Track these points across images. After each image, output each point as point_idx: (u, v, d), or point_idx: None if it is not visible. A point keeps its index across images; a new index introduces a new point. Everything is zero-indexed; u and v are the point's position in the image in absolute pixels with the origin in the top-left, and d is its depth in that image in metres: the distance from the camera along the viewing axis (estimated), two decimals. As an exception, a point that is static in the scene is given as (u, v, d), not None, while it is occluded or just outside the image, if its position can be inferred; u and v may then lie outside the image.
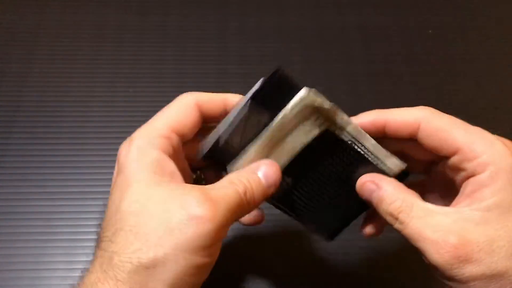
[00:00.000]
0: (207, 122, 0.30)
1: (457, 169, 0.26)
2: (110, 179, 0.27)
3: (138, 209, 0.24)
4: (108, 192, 0.44)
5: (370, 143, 0.28)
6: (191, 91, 0.50)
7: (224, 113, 0.29)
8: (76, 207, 0.43)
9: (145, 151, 0.26)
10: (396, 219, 0.26)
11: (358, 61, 0.54)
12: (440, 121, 0.26)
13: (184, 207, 0.23)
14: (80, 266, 0.40)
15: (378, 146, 0.28)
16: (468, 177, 0.26)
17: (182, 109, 0.28)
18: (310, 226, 0.32)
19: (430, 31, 0.57)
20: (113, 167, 0.28)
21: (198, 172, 0.32)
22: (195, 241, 0.23)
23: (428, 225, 0.25)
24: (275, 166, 0.27)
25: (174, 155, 0.27)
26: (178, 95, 0.53)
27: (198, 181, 0.32)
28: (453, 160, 0.26)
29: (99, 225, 0.26)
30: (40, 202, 0.43)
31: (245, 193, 0.26)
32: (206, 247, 0.23)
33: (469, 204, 0.25)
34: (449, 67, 0.54)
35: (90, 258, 0.40)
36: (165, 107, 0.29)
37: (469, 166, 0.25)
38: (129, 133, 0.48)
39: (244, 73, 0.52)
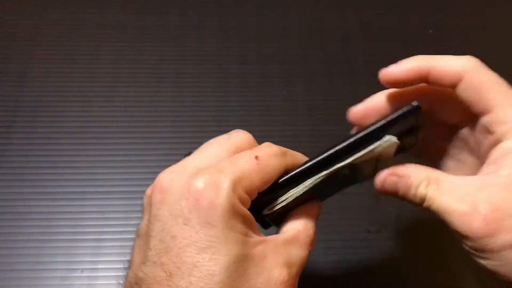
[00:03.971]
0: None
1: (486, 131, 0.25)
2: (110, 179, 0.27)
3: (235, 278, 0.22)
4: (107, 192, 0.44)
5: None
6: (191, 91, 0.51)
7: None
8: (76, 207, 0.43)
9: (238, 208, 0.23)
10: (424, 199, 0.25)
11: (357, 61, 0.54)
12: (483, 76, 0.25)
13: (276, 284, 0.23)
14: (80, 266, 0.40)
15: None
16: (495, 143, 0.25)
17: (273, 175, 0.25)
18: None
19: (430, 31, 0.57)
20: (112, 167, 0.27)
21: None
22: None
23: (455, 197, 0.24)
24: (318, 206, 0.28)
25: None
26: (177, 95, 0.52)
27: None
28: (483, 120, 0.25)
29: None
30: (40, 202, 0.43)
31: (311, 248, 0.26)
32: None
33: (495, 170, 0.24)
34: (449, 67, 0.54)
35: (89, 258, 0.41)
36: (262, 161, 0.24)
37: (499, 129, 0.24)
38: (129, 133, 0.48)
39: (244, 73, 0.52)
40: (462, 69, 0.25)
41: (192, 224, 0.22)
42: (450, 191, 0.24)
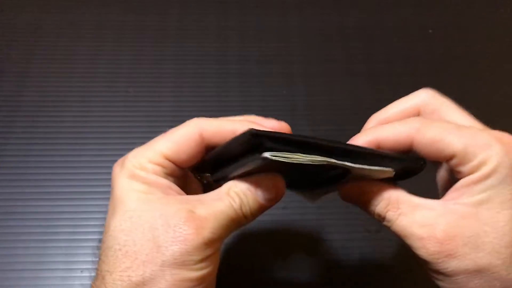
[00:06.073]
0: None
1: (453, 172, 0.26)
2: (110, 179, 0.27)
3: (129, 227, 0.24)
4: (107, 192, 0.44)
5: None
6: (191, 91, 0.51)
7: None
8: (76, 207, 0.43)
9: (135, 172, 0.26)
10: (384, 218, 0.27)
11: (358, 61, 0.54)
12: (432, 131, 0.26)
13: (170, 226, 0.24)
14: (80, 266, 0.40)
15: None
16: (463, 177, 0.26)
17: (182, 139, 0.27)
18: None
19: (430, 31, 0.57)
20: (112, 167, 0.28)
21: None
22: (181, 258, 0.23)
23: (414, 220, 0.25)
24: (276, 180, 0.27)
25: (170, 176, 0.27)
26: (177, 95, 0.53)
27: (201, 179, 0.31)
28: (449, 164, 0.26)
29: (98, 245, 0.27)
30: (39, 202, 0.43)
31: (240, 208, 0.26)
32: (194, 262, 0.24)
33: (456, 197, 0.25)
34: (449, 67, 0.54)
35: (90, 258, 0.41)
36: (169, 131, 0.28)
37: (464, 169, 0.25)
38: (128, 133, 0.48)
39: (244, 73, 0.52)
40: (408, 134, 0.26)
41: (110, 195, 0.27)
42: (410, 214, 0.26)
